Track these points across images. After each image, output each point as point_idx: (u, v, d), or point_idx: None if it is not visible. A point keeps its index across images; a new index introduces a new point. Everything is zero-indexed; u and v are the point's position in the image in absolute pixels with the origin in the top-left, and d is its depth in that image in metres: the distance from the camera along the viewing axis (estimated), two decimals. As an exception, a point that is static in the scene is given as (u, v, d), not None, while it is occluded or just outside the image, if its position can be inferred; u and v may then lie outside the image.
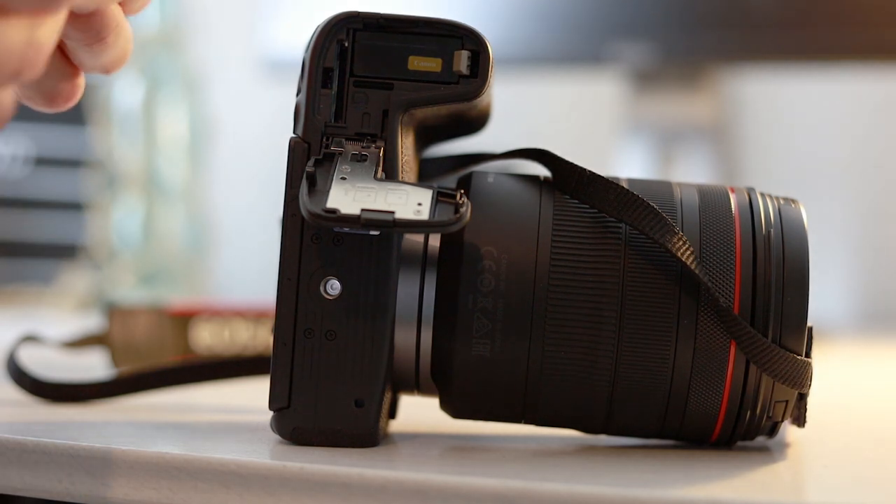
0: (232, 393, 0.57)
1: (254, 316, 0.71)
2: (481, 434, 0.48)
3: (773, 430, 0.45)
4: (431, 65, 0.43)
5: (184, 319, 0.69)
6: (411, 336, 0.43)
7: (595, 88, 1.25)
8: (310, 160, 0.42)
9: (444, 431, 0.48)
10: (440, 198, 0.41)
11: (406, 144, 0.44)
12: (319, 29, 0.43)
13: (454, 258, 0.43)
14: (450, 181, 0.46)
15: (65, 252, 1.35)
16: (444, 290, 0.43)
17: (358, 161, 0.42)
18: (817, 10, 1.05)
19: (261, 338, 0.71)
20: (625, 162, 1.14)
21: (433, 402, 0.46)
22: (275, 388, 0.43)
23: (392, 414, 0.47)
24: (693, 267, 0.42)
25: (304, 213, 0.39)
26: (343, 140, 0.43)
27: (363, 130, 0.43)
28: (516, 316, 0.42)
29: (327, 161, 0.42)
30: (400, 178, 0.43)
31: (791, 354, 0.42)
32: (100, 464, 0.41)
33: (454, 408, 0.45)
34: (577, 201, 0.44)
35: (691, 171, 1.12)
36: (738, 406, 0.43)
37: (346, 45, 0.43)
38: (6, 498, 0.44)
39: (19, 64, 0.36)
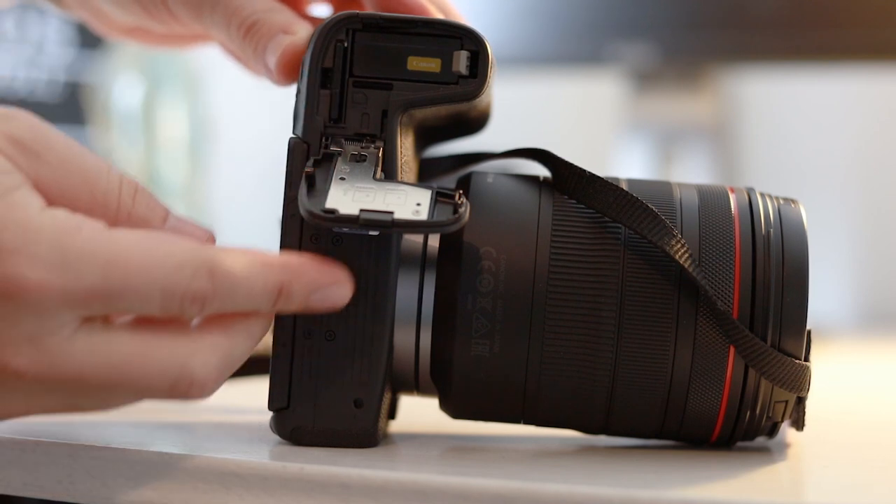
0: (232, 393, 0.57)
1: (254, 316, 0.71)
2: (481, 434, 0.48)
3: (772, 430, 0.45)
4: (431, 65, 0.43)
5: (184, 319, 0.69)
6: (410, 336, 0.43)
7: (595, 88, 1.25)
8: (309, 160, 0.42)
9: (444, 431, 0.48)
10: (439, 198, 0.41)
11: (405, 145, 0.44)
12: (319, 29, 0.43)
13: (453, 258, 0.43)
14: (449, 181, 0.46)
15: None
16: (444, 290, 0.43)
17: (357, 161, 0.42)
18: (817, 10, 1.05)
19: (261, 338, 0.71)
20: (625, 162, 1.14)
21: (433, 403, 0.46)
22: (274, 388, 0.43)
23: (392, 414, 0.47)
24: (691, 270, 0.42)
25: (303, 213, 0.39)
26: (342, 140, 0.43)
27: (362, 131, 0.43)
28: (515, 316, 0.42)
29: (326, 161, 0.42)
30: (399, 179, 0.43)
31: (789, 359, 0.42)
32: (100, 464, 0.41)
33: (454, 408, 0.45)
34: (576, 201, 0.44)
35: (691, 171, 1.12)
36: (738, 406, 0.43)
37: (346, 45, 0.43)
38: (6, 498, 0.44)
39: None
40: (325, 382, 0.42)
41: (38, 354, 0.37)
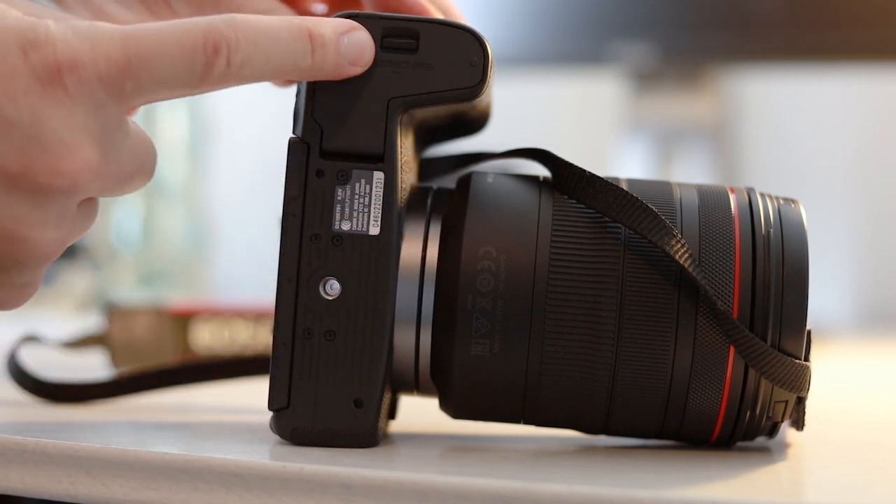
0: (232, 393, 0.57)
1: (254, 316, 0.71)
2: (481, 434, 0.48)
3: (773, 430, 0.45)
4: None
5: (183, 319, 0.70)
6: (410, 336, 0.43)
7: (595, 88, 1.25)
8: None
9: (444, 431, 0.48)
10: None
11: (406, 144, 0.44)
12: (319, 29, 0.43)
13: (453, 258, 0.43)
14: (449, 181, 0.46)
15: (65, 252, 1.35)
16: (443, 290, 0.43)
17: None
18: (817, 10, 1.05)
19: (261, 338, 0.71)
20: (625, 162, 1.14)
21: (433, 402, 0.46)
22: (274, 388, 0.43)
23: (392, 414, 0.47)
24: (691, 270, 0.42)
25: None
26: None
27: (363, 130, 0.43)
28: (515, 316, 0.42)
29: None
30: (398, 182, 0.43)
31: (789, 359, 0.42)
32: (100, 464, 0.41)
33: (454, 408, 0.45)
34: (576, 201, 0.43)
35: (691, 171, 1.12)
36: (738, 406, 0.43)
37: (346, 45, 0.43)
38: (6, 498, 0.44)
39: None
40: (325, 382, 0.42)
41: (94, 146, 0.39)
